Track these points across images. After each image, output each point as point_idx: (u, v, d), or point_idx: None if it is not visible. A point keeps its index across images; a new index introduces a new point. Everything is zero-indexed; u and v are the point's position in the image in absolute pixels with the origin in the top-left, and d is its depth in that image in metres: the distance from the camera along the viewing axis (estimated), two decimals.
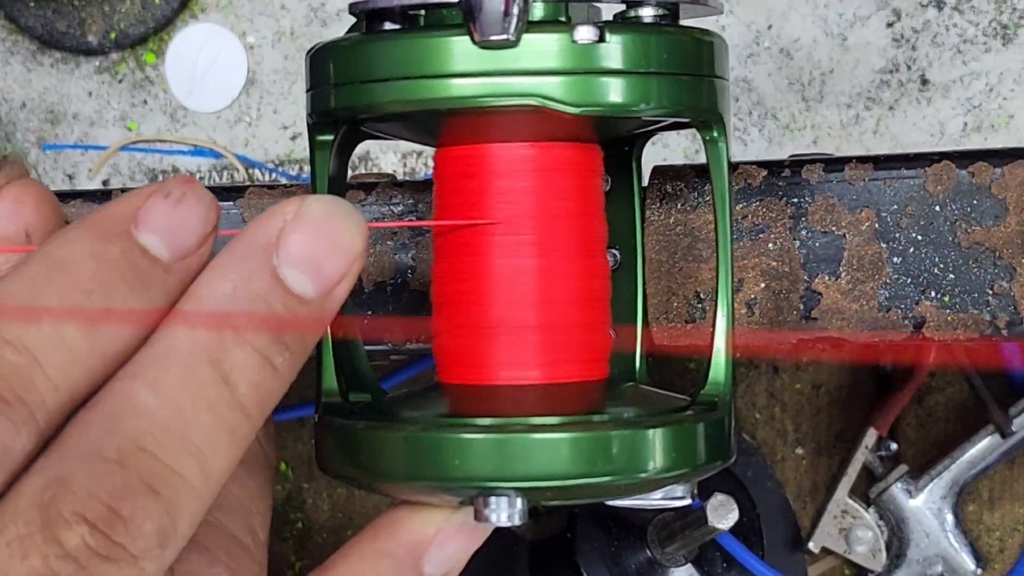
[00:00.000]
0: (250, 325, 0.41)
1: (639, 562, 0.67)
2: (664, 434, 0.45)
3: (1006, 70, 0.71)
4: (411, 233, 0.54)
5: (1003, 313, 0.52)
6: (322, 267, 0.42)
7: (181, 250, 0.42)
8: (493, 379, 0.46)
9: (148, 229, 0.41)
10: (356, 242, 0.42)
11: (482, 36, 0.43)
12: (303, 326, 0.41)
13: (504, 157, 0.46)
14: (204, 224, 0.42)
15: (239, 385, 0.40)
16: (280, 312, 0.41)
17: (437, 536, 0.46)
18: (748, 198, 0.53)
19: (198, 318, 0.41)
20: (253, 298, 0.41)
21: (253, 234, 0.42)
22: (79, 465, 0.38)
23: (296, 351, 0.41)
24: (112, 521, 0.38)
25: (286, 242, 0.41)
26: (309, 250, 0.41)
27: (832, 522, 0.71)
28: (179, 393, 0.40)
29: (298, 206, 0.42)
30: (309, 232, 0.42)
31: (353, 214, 0.42)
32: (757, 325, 0.53)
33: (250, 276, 0.41)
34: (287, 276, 0.41)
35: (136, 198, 0.42)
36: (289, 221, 0.42)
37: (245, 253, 0.41)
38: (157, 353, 0.40)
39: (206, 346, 0.40)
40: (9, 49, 0.74)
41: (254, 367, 0.40)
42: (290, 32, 0.74)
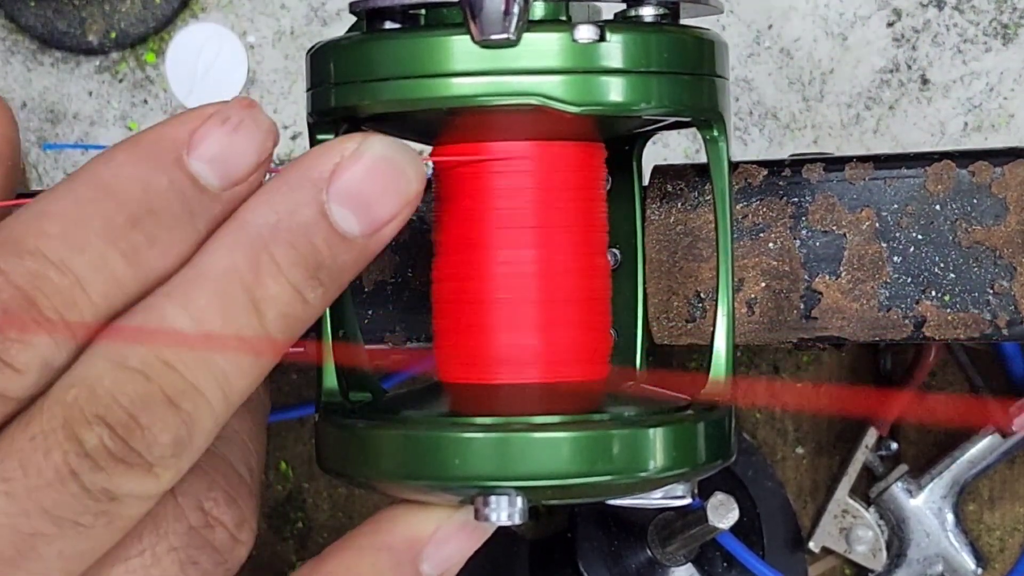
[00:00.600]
0: (288, 257, 0.41)
1: (639, 562, 0.67)
2: (664, 433, 0.45)
3: (1006, 70, 0.71)
4: (411, 232, 0.54)
5: (1003, 313, 0.52)
6: (372, 207, 0.42)
7: (232, 179, 0.42)
8: (493, 378, 0.47)
9: (200, 156, 0.41)
10: (411, 185, 0.42)
11: (482, 35, 0.43)
12: (341, 264, 0.42)
13: (504, 155, 0.46)
14: (259, 153, 0.42)
15: (268, 314, 0.41)
16: (321, 248, 0.41)
17: (436, 534, 0.46)
18: (748, 197, 0.53)
19: (238, 243, 0.41)
20: (295, 230, 0.41)
21: (308, 165, 0.42)
22: (105, 371, 0.40)
23: (330, 287, 0.42)
24: (131, 427, 0.39)
25: (339, 178, 0.41)
26: (361, 188, 0.42)
27: (832, 522, 0.71)
28: (209, 314, 0.40)
29: (358, 143, 0.42)
30: (364, 170, 0.42)
31: (412, 159, 0.42)
32: (757, 325, 0.53)
33: (296, 208, 0.41)
34: (334, 212, 0.41)
35: (192, 119, 0.42)
36: (346, 157, 0.42)
37: (295, 183, 0.41)
38: (194, 273, 0.41)
39: (241, 272, 0.41)
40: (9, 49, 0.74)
41: (286, 299, 0.41)
42: (290, 32, 0.74)
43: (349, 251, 0.42)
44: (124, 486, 0.40)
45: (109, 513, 0.40)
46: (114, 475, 0.39)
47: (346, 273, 0.42)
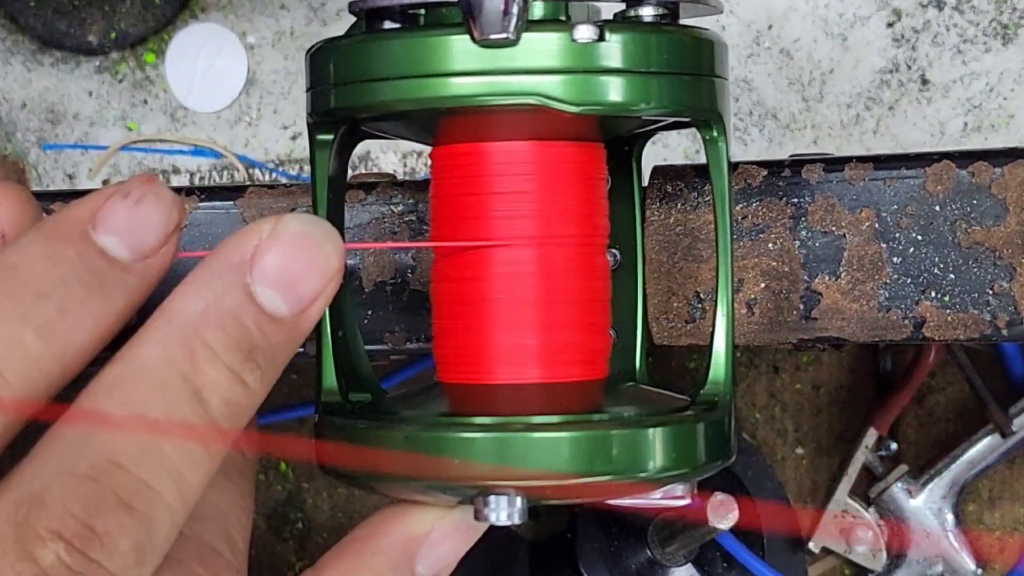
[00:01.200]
0: (221, 341, 0.40)
1: (639, 562, 0.67)
2: (664, 434, 0.45)
3: (1006, 70, 0.71)
4: (411, 233, 0.54)
5: (1003, 313, 0.51)
6: (296, 286, 0.41)
7: (141, 250, 0.41)
8: (493, 379, 0.46)
9: (106, 230, 0.41)
10: (332, 262, 0.42)
11: (482, 35, 0.43)
12: (275, 345, 0.41)
13: (504, 154, 0.46)
14: (166, 224, 0.42)
15: (211, 401, 0.40)
16: (252, 331, 0.41)
17: (431, 535, 0.46)
18: (748, 198, 0.53)
19: (169, 334, 0.40)
20: (225, 316, 0.40)
21: (228, 251, 0.41)
22: (52, 481, 0.38)
23: (267, 369, 0.41)
24: (87, 538, 0.38)
25: (260, 260, 0.41)
26: (283, 269, 0.41)
27: (832, 522, 0.71)
28: (152, 409, 0.39)
29: (274, 224, 0.41)
30: (284, 250, 0.41)
31: (330, 233, 0.42)
32: (757, 325, 0.53)
33: (223, 294, 0.41)
34: (260, 295, 0.41)
35: (94, 200, 0.42)
36: (264, 239, 0.41)
37: (218, 270, 0.41)
38: (129, 369, 0.40)
39: (178, 362, 0.40)
40: (9, 49, 0.74)
41: (226, 384, 0.40)
42: (290, 32, 0.74)
43: (280, 331, 0.41)
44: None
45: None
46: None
47: (281, 354, 0.42)
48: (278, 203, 0.54)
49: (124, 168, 0.75)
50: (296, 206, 0.55)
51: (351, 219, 0.54)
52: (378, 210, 0.55)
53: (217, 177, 0.75)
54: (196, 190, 0.55)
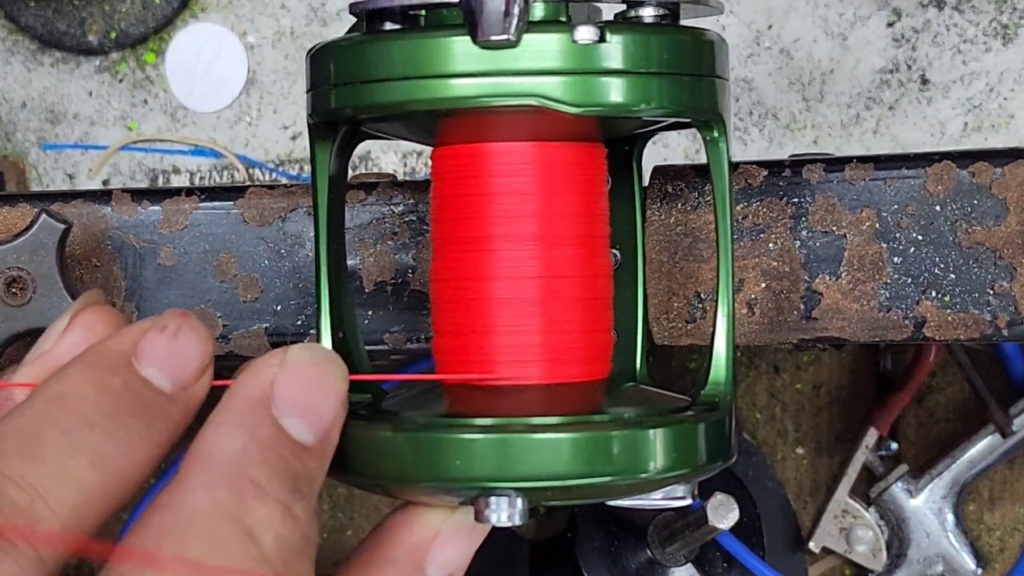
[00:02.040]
0: (266, 475, 0.40)
1: (639, 562, 0.67)
2: (665, 434, 0.45)
3: (1006, 70, 0.71)
4: (411, 233, 0.54)
5: (1003, 313, 0.51)
6: (317, 413, 0.42)
7: (183, 380, 0.42)
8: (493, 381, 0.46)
9: (149, 361, 0.41)
10: (341, 385, 0.43)
11: (483, 36, 0.43)
12: (311, 472, 0.41)
13: (505, 155, 0.46)
14: (202, 355, 0.42)
15: (264, 539, 0.40)
16: (291, 461, 0.41)
17: (437, 538, 0.46)
18: (748, 198, 0.53)
19: (212, 477, 0.40)
20: (264, 450, 0.41)
21: (246, 387, 0.42)
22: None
23: (310, 498, 0.41)
24: None
25: (280, 392, 0.41)
26: (303, 398, 0.42)
27: (832, 522, 0.71)
28: (206, 556, 0.39)
29: (282, 357, 0.42)
30: (299, 380, 0.42)
31: (334, 358, 0.43)
32: (757, 325, 0.53)
33: (255, 429, 0.41)
34: (288, 425, 0.41)
35: (133, 332, 0.42)
36: (278, 372, 0.42)
37: (243, 408, 0.41)
38: (177, 517, 0.39)
39: (226, 504, 0.40)
40: (9, 49, 0.74)
41: (278, 518, 0.40)
42: (290, 32, 0.74)
43: (312, 459, 0.42)
44: None
45: None
46: None
47: (316, 482, 0.42)
48: (278, 203, 0.54)
49: (124, 168, 0.75)
50: (296, 206, 0.54)
51: (351, 219, 0.54)
52: (378, 210, 0.54)
53: (217, 177, 0.75)
54: (196, 190, 0.55)
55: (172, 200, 0.55)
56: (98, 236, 0.55)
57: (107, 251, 0.55)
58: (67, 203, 0.55)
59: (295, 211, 0.55)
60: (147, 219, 0.55)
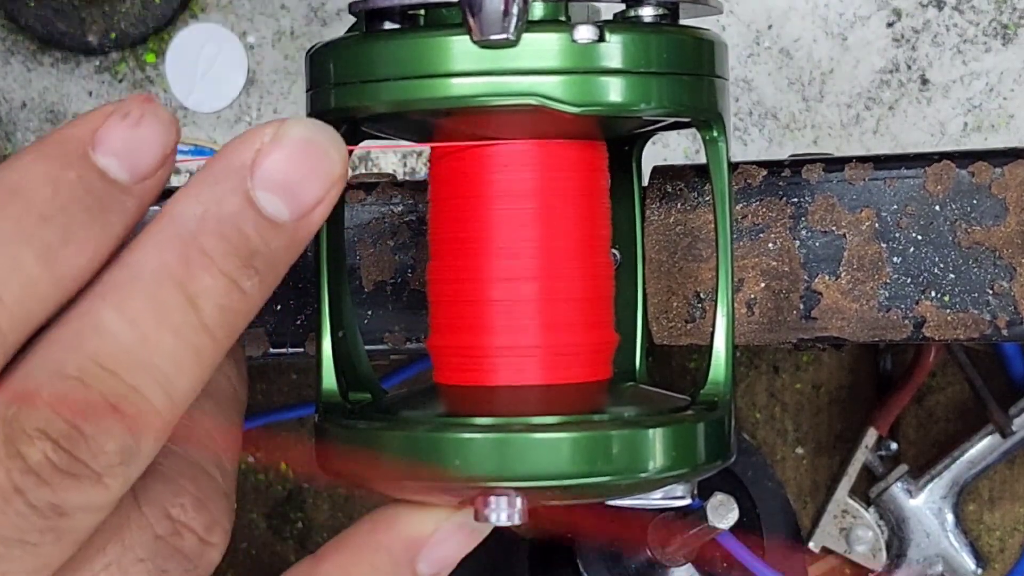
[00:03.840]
0: (218, 247, 0.40)
1: (639, 562, 0.67)
2: (664, 434, 0.45)
3: (1006, 70, 0.71)
4: (411, 233, 0.54)
5: (1003, 313, 0.51)
6: (298, 191, 0.41)
7: (140, 172, 0.41)
8: (492, 381, 0.46)
9: (106, 151, 0.41)
10: (335, 166, 0.41)
11: (482, 35, 0.43)
12: (275, 251, 0.41)
13: (504, 154, 0.46)
14: (164, 145, 0.41)
15: (205, 308, 0.40)
16: (251, 235, 0.40)
17: (435, 535, 0.46)
18: (748, 198, 0.53)
19: (166, 239, 0.40)
20: (223, 221, 0.40)
21: (228, 156, 0.41)
22: (42, 382, 0.39)
23: (266, 275, 0.41)
24: (74, 438, 0.38)
25: (261, 164, 0.41)
26: (285, 173, 0.41)
27: (832, 522, 0.71)
28: (144, 314, 0.39)
29: (276, 128, 0.41)
30: (286, 155, 0.41)
31: (334, 138, 0.41)
32: (757, 325, 0.53)
33: (222, 198, 0.40)
34: (261, 199, 0.40)
35: (93, 119, 0.41)
36: (266, 143, 0.41)
37: (219, 175, 0.41)
38: (124, 274, 0.40)
39: (173, 268, 0.40)
40: (9, 49, 0.74)
41: (222, 290, 0.40)
42: (290, 32, 0.74)
43: (280, 237, 0.41)
44: (72, 500, 0.39)
45: (57, 529, 0.39)
46: (60, 489, 0.38)
47: (281, 260, 0.41)
48: None
49: None
50: None
51: (351, 219, 0.54)
52: (378, 210, 0.55)
53: None
54: None
55: None
56: None
57: None
58: None
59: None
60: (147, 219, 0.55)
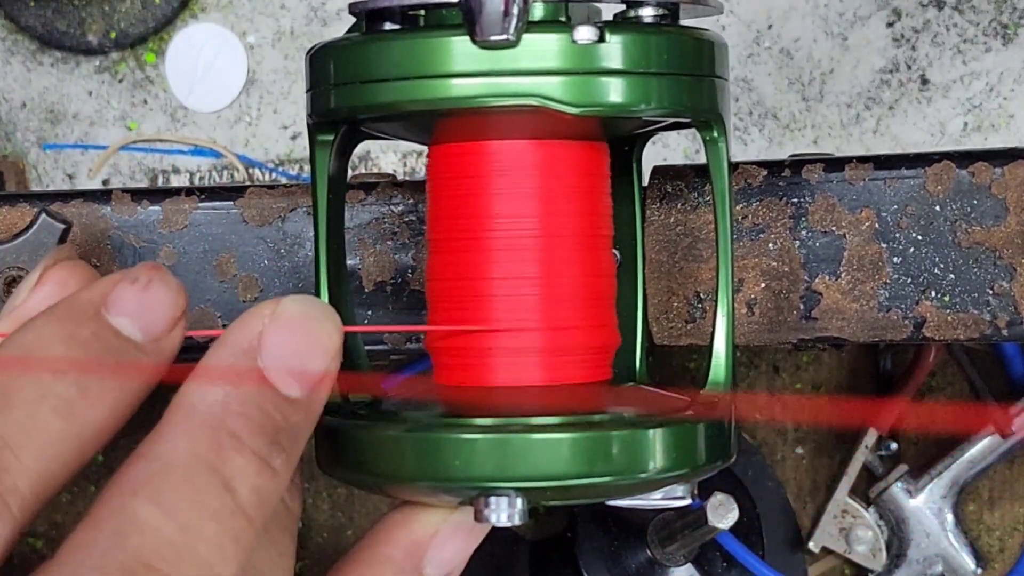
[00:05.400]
0: (246, 427, 0.40)
1: (639, 562, 0.67)
2: (664, 434, 0.45)
3: (1006, 70, 0.71)
4: (411, 233, 0.54)
5: (1003, 313, 0.51)
6: (305, 366, 0.41)
7: (153, 332, 0.41)
8: (492, 381, 0.46)
9: (118, 311, 0.41)
10: (333, 339, 0.42)
11: (482, 36, 0.43)
12: (294, 426, 0.41)
13: (504, 154, 0.46)
14: (174, 307, 0.42)
15: (240, 491, 0.40)
16: (272, 414, 0.41)
17: (436, 537, 0.46)
18: (748, 198, 0.53)
19: (192, 427, 0.40)
20: (245, 403, 0.40)
21: (234, 339, 0.41)
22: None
23: (291, 452, 0.41)
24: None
25: (268, 344, 0.41)
26: (291, 350, 0.41)
27: (832, 522, 0.71)
28: (182, 505, 0.39)
29: (273, 308, 0.41)
30: (289, 332, 0.41)
31: (327, 311, 0.42)
32: (757, 325, 0.53)
33: (238, 381, 0.41)
34: (274, 378, 0.41)
35: (103, 285, 0.42)
36: (267, 323, 0.41)
37: (228, 358, 0.41)
38: (154, 466, 0.39)
39: (205, 454, 0.39)
40: (9, 49, 0.74)
41: (255, 471, 0.40)
42: (290, 32, 0.74)
43: (297, 412, 0.41)
44: None
45: None
46: None
47: (301, 435, 0.42)
48: (278, 203, 0.55)
49: (124, 168, 0.75)
50: (296, 206, 0.55)
51: (351, 219, 0.54)
52: (378, 210, 0.55)
53: (217, 177, 0.75)
54: (196, 190, 0.55)
55: (172, 200, 0.55)
56: (98, 236, 0.55)
57: (107, 251, 0.55)
58: (67, 203, 0.55)
59: (295, 211, 0.55)
60: (147, 219, 0.55)
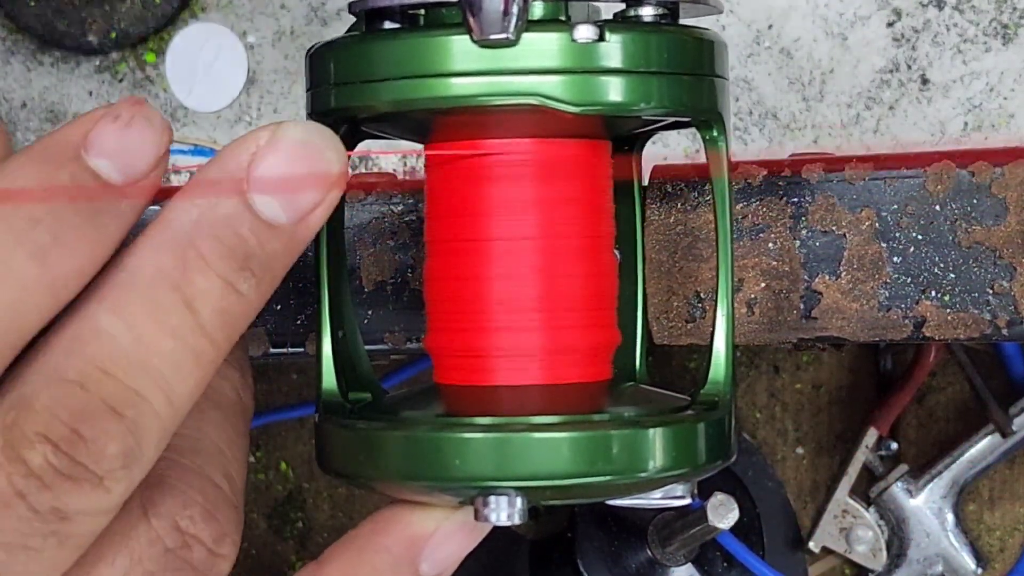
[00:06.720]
0: (214, 249, 0.40)
1: (639, 562, 0.67)
2: (664, 434, 0.45)
3: (1006, 70, 0.71)
4: (411, 233, 0.54)
5: (1003, 313, 0.51)
6: (296, 193, 0.41)
7: (133, 173, 0.41)
8: (492, 380, 0.46)
9: (98, 152, 0.40)
10: (333, 167, 0.41)
11: (482, 35, 0.43)
12: (272, 253, 0.41)
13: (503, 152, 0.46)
14: (156, 146, 0.41)
15: (202, 311, 0.40)
16: (247, 238, 0.40)
17: (436, 535, 0.46)
18: (748, 198, 0.53)
19: (163, 243, 0.40)
20: (219, 224, 0.40)
21: (224, 159, 0.41)
22: (41, 386, 0.39)
23: (263, 277, 0.41)
24: (74, 441, 0.38)
25: (258, 167, 0.40)
26: (282, 175, 0.41)
27: (832, 522, 0.71)
28: (141, 317, 0.39)
29: (273, 131, 0.41)
30: (283, 157, 0.41)
31: (331, 139, 0.41)
32: (757, 325, 0.53)
33: (217, 202, 0.40)
34: (257, 202, 0.40)
35: (84, 122, 0.41)
36: (262, 146, 0.41)
37: (215, 178, 0.41)
38: (120, 277, 0.40)
39: (169, 272, 0.40)
40: (9, 49, 0.74)
41: (218, 293, 0.40)
42: (290, 31, 0.74)
43: (278, 239, 0.41)
44: (74, 503, 0.38)
45: (59, 533, 0.39)
46: (62, 493, 0.38)
47: (278, 263, 0.41)
48: None
49: None
50: None
51: (351, 219, 0.54)
52: (378, 210, 0.54)
53: None
54: None
55: None
56: None
57: None
58: None
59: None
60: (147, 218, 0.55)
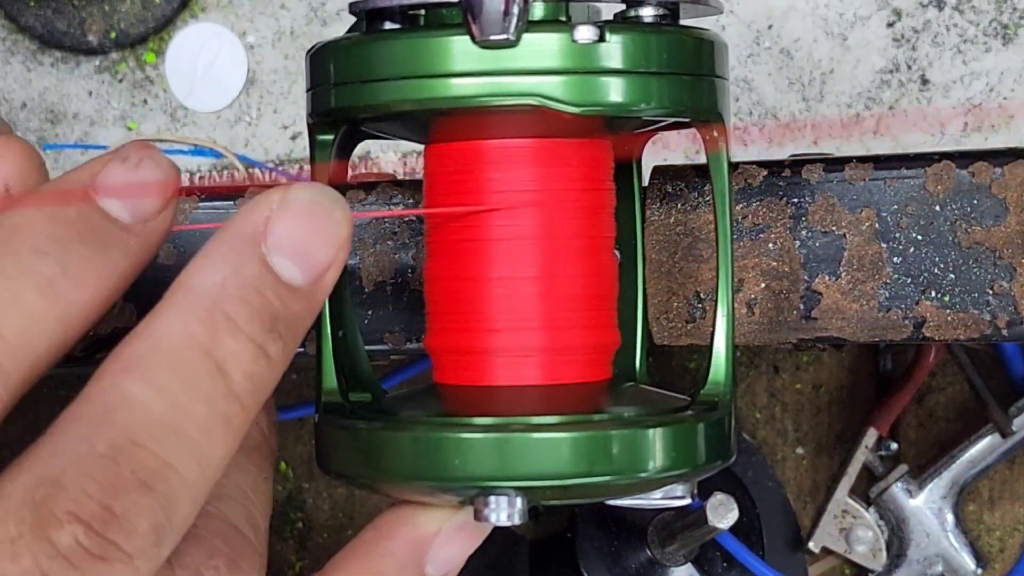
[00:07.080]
0: (243, 312, 0.40)
1: (639, 562, 0.67)
2: (664, 434, 0.45)
3: (1006, 70, 0.71)
4: (411, 233, 0.54)
5: (1003, 313, 0.51)
6: (310, 254, 0.41)
7: (142, 213, 0.41)
8: (492, 381, 0.46)
9: (107, 191, 0.41)
10: (342, 229, 0.41)
11: (482, 35, 0.43)
12: (294, 315, 0.41)
13: (503, 151, 0.46)
14: (164, 188, 0.41)
15: (233, 375, 0.40)
16: (272, 300, 0.40)
17: (439, 536, 0.46)
18: (748, 198, 0.53)
19: (188, 307, 0.40)
20: (244, 287, 0.40)
21: (240, 223, 0.41)
22: (70, 461, 0.38)
23: (288, 339, 0.41)
24: (106, 519, 0.37)
25: (273, 230, 0.41)
26: (297, 238, 0.41)
27: (832, 522, 0.71)
28: (173, 384, 0.39)
29: (283, 194, 0.41)
30: (295, 220, 0.41)
31: (338, 201, 0.42)
32: (757, 325, 0.53)
33: (240, 265, 0.40)
34: (276, 264, 0.41)
35: (93, 165, 0.41)
36: (275, 209, 0.41)
37: (233, 242, 0.41)
38: (147, 344, 0.39)
39: (199, 336, 0.39)
40: (9, 49, 0.74)
41: (249, 357, 0.40)
42: (290, 32, 0.74)
43: (298, 301, 0.41)
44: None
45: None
46: (90, 573, 0.37)
47: (300, 324, 0.41)
48: None
49: None
50: None
51: None
52: (378, 210, 0.54)
53: (217, 177, 0.75)
54: (196, 190, 0.55)
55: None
56: None
57: None
58: None
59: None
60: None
